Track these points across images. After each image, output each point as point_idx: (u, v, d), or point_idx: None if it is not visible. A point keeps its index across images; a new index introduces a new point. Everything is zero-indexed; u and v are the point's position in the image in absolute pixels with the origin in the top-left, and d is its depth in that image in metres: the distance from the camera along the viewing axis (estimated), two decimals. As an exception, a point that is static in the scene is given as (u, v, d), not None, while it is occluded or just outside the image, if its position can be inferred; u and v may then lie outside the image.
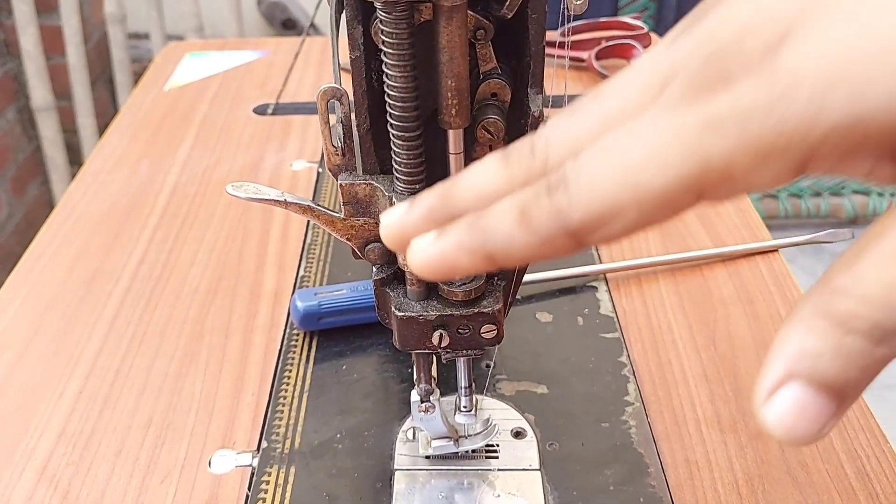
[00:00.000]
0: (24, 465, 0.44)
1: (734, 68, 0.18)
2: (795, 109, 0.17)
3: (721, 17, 0.20)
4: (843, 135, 0.17)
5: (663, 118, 0.19)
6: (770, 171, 0.18)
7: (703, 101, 0.19)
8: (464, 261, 0.23)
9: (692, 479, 0.42)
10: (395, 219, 0.25)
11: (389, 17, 0.29)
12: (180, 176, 0.71)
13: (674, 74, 0.20)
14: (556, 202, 0.21)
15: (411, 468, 0.43)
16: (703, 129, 0.19)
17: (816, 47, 0.17)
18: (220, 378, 0.49)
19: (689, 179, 0.19)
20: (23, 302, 0.56)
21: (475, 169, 0.24)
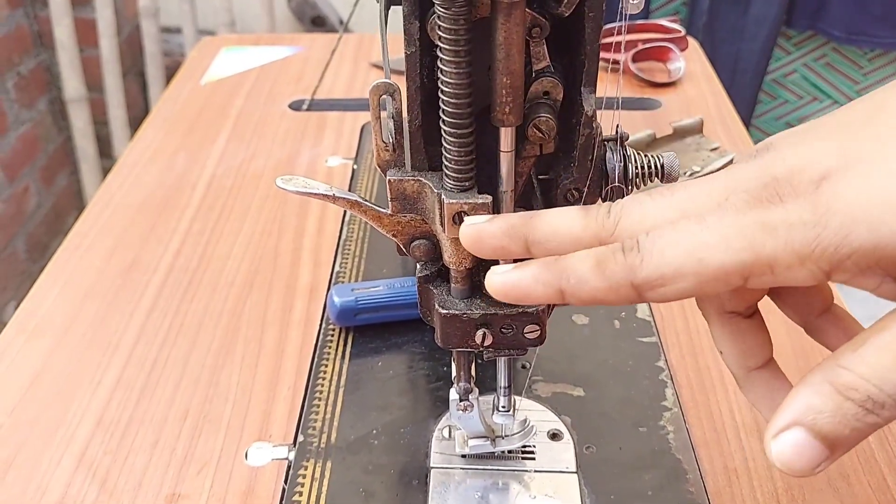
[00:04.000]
0: (62, 451, 0.44)
1: (786, 193, 0.25)
2: (829, 232, 0.24)
3: (775, 157, 0.26)
4: (862, 256, 0.23)
5: (729, 217, 0.25)
6: (803, 273, 0.24)
7: (761, 211, 0.25)
8: (538, 291, 0.28)
9: (731, 487, 0.42)
10: (476, 223, 0.31)
11: (448, 13, 0.28)
12: (216, 169, 0.71)
13: (735, 189, 0.26)
14: (630, 259, 0.26)
15: (447, 466, 0.43)
16: (760, 229, 0.25)
17: (848, 192, 0.24)
18: (257, 371, 0.49)
19: (741, 264, 0.25)
20: (61, 291, 0.57)
21: (556, 211, 0.30)
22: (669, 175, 0.35)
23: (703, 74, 0.88)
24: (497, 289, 0.29)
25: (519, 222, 0.30)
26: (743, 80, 1.58)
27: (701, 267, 0.25)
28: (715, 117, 0.78)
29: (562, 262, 0.28)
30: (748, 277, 0.25)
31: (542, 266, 0.28)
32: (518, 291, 0.29)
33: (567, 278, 0.27)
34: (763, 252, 0.24)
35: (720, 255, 0.25)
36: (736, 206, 0.26)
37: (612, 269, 0.27)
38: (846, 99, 1.69)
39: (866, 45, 1.57)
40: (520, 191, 0.34)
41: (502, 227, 0.30)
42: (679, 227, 0.26)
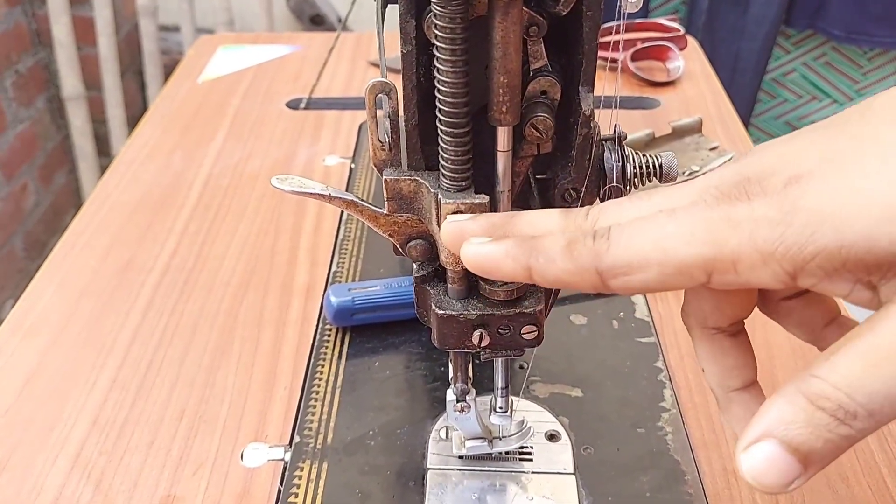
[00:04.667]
0: (57, 452, 0.44)
1: (754, 192, 0.25)
2: (793, 230, 0.23)
3: (750, 160, 0.26)
4: (827, 257, 0.23)
5: (696, 211, 0.25)
6: (766, 273, 0.24)
7: (727, 207, 0.25)
8: (507, 265, 0.28)
9: (730, 489, 0.42)
10: (458, 220, 0.31)
11: (444, 11, 0.28)
12: (213, 168, 0.71)
13: (709, 187, 0.26)
14: (598, 245, 0.27)
15: (444, 468, 0.43)
16: (724, 224, 0.24)
17: (816, 191, 0.23)
18: (253, 371, 0.49)
19: (703, 258, 0.25)
20: (56, 289, 0.56)
21: (538, 212, 0.30)
22: (668, 175, 0.34)
23: (702, 74, 0.88)
24: (469, 258, 0.29)
25: (500, 221, 0.30)
26: (742, 79, 1.57)
27: (664, 257, 0.25)
28: (714, 116, 0.78)
29: (535, 240, 0.28)
30: (711, 273, 0.25)
31: (516, 242, 0.28)
32: (488, 263, 0.29)
33: (537, 257, 0.28)
34: (726, 247, 0.24)
35: (683, 246, 0.25)
36: (705, 200, 0.26)
37: (580, 252, 0.27)
38: (846, 98, 1.68)
39: (866, 45, 1.57)
40: (517, 191, 0.34)
41: (483, 225, 0.30)
42: (648, 218, 0.26)
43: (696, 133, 0.71)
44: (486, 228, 0.30)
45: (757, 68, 1.57)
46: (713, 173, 0.27)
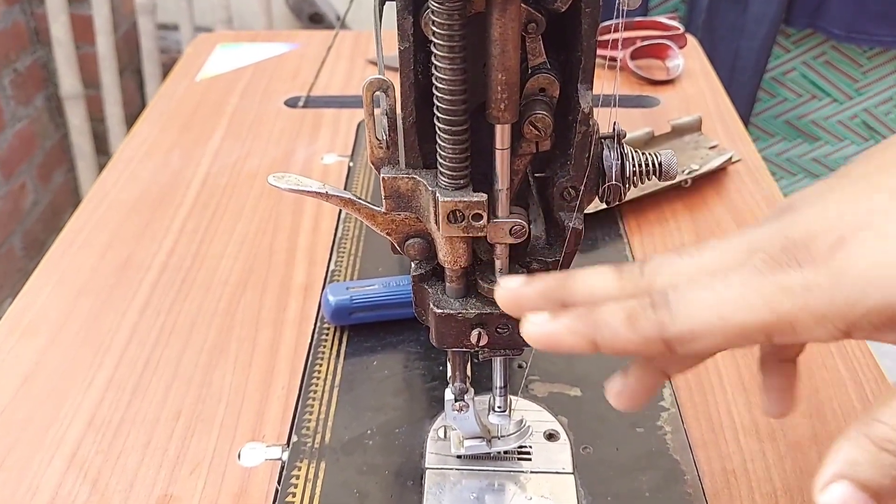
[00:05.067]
0: (53, 451, 0.44)
1: (803, 258, 0.27)
2: (843, 294, 0.25)
3: (794, 219, 0.28)
4: (876, 315, 0.25)
5: (750, 277, 0.27)
6: (822, 331, 0.26)
7: (780, 273, 0.27)
8: (571, 341, 0.30)
9: (729, 489, 0.41)
10: (513, 287, 0.31)
11: (442, 8, 0.28)
12: (211, 167, 0.70)
13: (757, 250, 0.28)
14: (660, 316, 0.28)
15: (442, 467, 0.42)
16: (779, 291, 0.26)
17: (860, 255, 0.26)
18: (250, 371, 0.49)
19: (763, 323, 0.27)
20: (54, 288, 0.56)
21: (591, 272, 0.31)
22: (667, 173, 0.34)
23: (701, 72, 0.87)
24: (532, 338, 0.30)
25: (555, 285, 0.31)
26: (742, 77, 1.57)
27: (725, 325, 0.27)
28: (714, 115, 0.78)
29: (595, 314, 0.29)
30: (771, 335, 0.27)
31: (577, 318, 0.30)
32: (552, 342, 0.30)
33: (601, 332, 0.29)
34: (784, 313, 0.26)
35: (744, 314, 0.27)
36: (756, 266, 0.27)
37: (644, 325, 0.28)
38: (845, 97, 1.68)
39: (865, 44, 1.57)
40: (515, 189, 0.34)
41: (539, 290, 0.31)
42: (704, 284, 0.28)
43: (696, 132, 0.71)
44: (542, 293, 0.31)
45: (756, 67, 1.56)
46: (758, 232, 0.29)
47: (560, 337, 0.30)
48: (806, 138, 1.75)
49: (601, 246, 0.59)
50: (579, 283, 0.31)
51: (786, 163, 1.79)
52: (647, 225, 0.62)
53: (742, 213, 0.63)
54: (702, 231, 0.61)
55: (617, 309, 0.29)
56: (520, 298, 0.31)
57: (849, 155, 1.76)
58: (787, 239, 0.28)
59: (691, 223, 0.62)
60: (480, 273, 0.35)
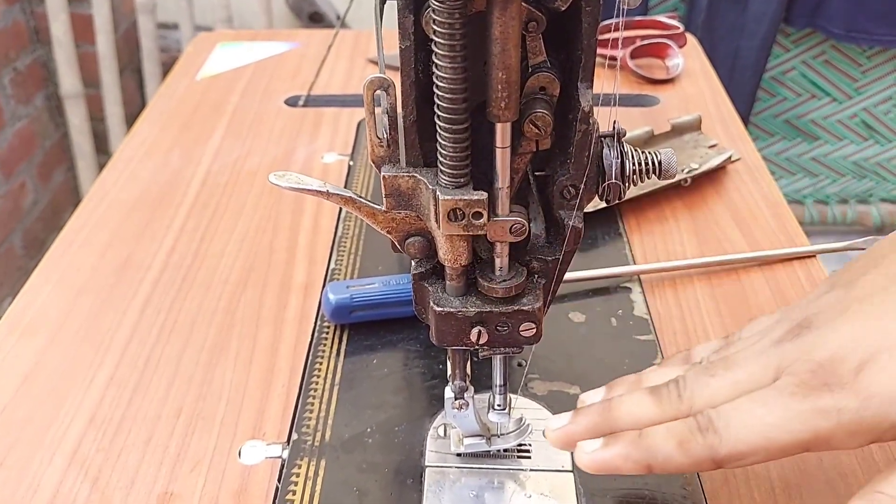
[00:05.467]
0: (54, 449, 0.44)
1: (832, 382, 0.31)
2: (871, 413, 0.30)
3: (816, 340, 0.32)
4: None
5: (787, 400, 0.31)
6: (853, 443, 0.31)
7: (814, 398, 0.31)
8: (626, 467, 0.33)
9: (728, 486, 0.41)
10: (561, 427, 0.36)
11: (443, 7, 0.28)
12: (211, 166, 0.70)
13: (784, 369, 0.32)
14: (710, 440, 0.32)
15: (442, 465, 0.42)
16: (815, 415, 0.31)
17: (884, 377, 0.30)
18: (251, 369, 0.49)
19: (802, 442, 0.31)
20: (54, 287, 0.56)
21: (630, 401, 0.35)
22: (667, 172, 0.34)
23: (701, 71, 0.88)
24: (589, 466, 0.34)
25: (600, 420, 0.35)
26: (742, 77, 1.57)
27: (770, 445, 0.31)
28: (713, 114, 0.78)
29: (646, 440, 0.33)
30: (809, 449, 0.31)
31: (630, 445, 0.33)
32: (609, 468, 0.34)
33: (654, 457, 0.33)
34: (820, 433, 0.31)
35: (785, 435, 0.31)
36: (790, 389, 0.31)
37: (695, 449, 0.32)
38: (845, 97, 1.68)
39: (865, 43, 1.57)
40: (516, 187, 0.34)
41: (587, 426, 0.35)
42: (746, 409, 0.32)
43: (696, 130, 0.71)
44: (591, 429, 0.35)
45: (756, 66, 1.57)
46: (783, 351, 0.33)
47: (615, 463, 0.33)
48: (805, 137, 1.75)
49: (601, 244, 0.60)
50: (623, 412, 0.35)
51: (785, 162, 1.79)
52: (646, 224, 0.62)
53: (741, 212, 0.63)
54: (701, 230, 0.61)
55: (668, 435, 0.32)
56: (570, 436, 0.35)
57: (848, 154, 1.76)
58: (813, 363, 0.32)
59: (691, 222, 0.62)
60: (481, 271, 0.35)
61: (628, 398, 0.35)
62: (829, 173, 1.80)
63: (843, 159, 1.78)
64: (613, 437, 0.34)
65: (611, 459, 0.33)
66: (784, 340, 0.34)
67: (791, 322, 0.34)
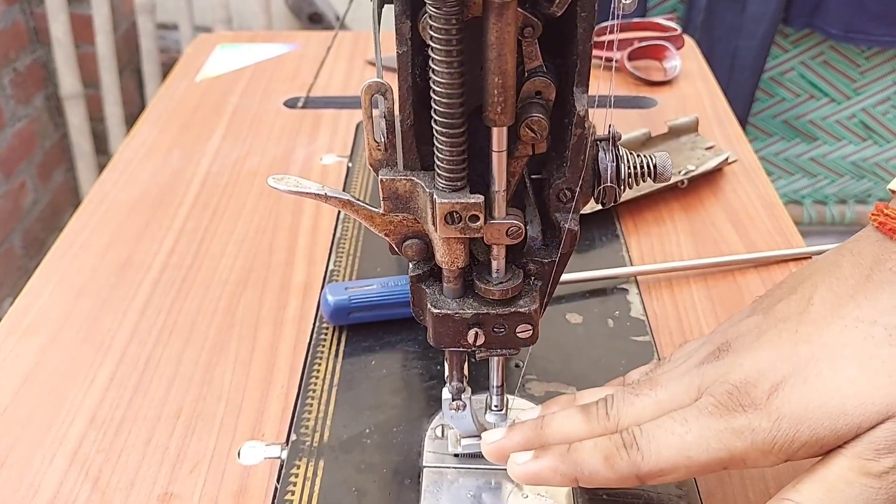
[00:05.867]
0: (55, 450, 0.44)
1: (746, 403, 0.33)
2: (782, 434, 0.32)
3: (733, 363, 0.34)
4: (809, 448, 0.32)
5: (704, 420, 0.33)
6: (767, 462, 0.33)
7: (730, 418, 0.33)
8: (554, 479, 0.35)
9: (723, 487, 0.42)
10: (496, 441, 0.37)
11: (439, 13, 0.28)
12: (211, 167, 0.71)
13: (704, 390, 0.34)
14: (633, 457, 0.33)
15: (440, 466, 0.43)
16: (730, 434, 0.33)
17: (792, 399, 0.32)
18: (250, 370, 0.49)
19: (719, 460, 0.33)
20: (55, 288, 0.56)
21: (561, 417, 0.37)
22: (662, 175, 0.35)
23: (698, 73, 0.88)
24: (519, 477, 0.36)
25: (532, 435, 0.37)
26: (740, 77, 1.58)
27: (689, 463, 0.33)
28: (710, 116, 0.78)
29: (574, 455, 0.34)
30: (726, 467, 0.33)
31: (558, 459, 0.35)
32: (538, 480, 0.35)
33: (581, 471, 0.34)
34: (735, 451, 0.33)
35: (703, 454, 0.33)
36: (708, 409, 0.33)
37: (619, 465, 0.34)
38: (843, 97, 1.69)
39: (863, 44, 1.57)
40: (512, 190, 0.34)
41: (520, 441, 0.37)
42: (667, 428, 0.34)
43: (693, 132, 0.71)
44: (523, 444, 0.37)
45: (755, 67, 1.57)
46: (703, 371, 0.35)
47: (544, 475, 0.35)
48: (804, 138, 1.76)
49: (598, 246, 0.60)
50: (553, 428, 0.37)
51: (784, 162, 1.80)
52: (643, 225, 0.63)
53: (738, 214, 0.64)
54: (698, 231, 0.62)
55: (594, 450, 0.34)
56: (503, 450, 0.37)
57: (846, 155, 1.77)
58: (730, 385, 0.33)
59: (687, 223, 0.63)
60: (477, 273, 0.35)
61: (560, 415, 0.37)
62: (828, 174, 1.81)
63: (842, 160, 1.78)
64: (543, 450, 0.35)
65: (539, 471, 0.35)
66: (705, 362, 0.36)
67: (713, 345, 0.36)
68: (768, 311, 0.36)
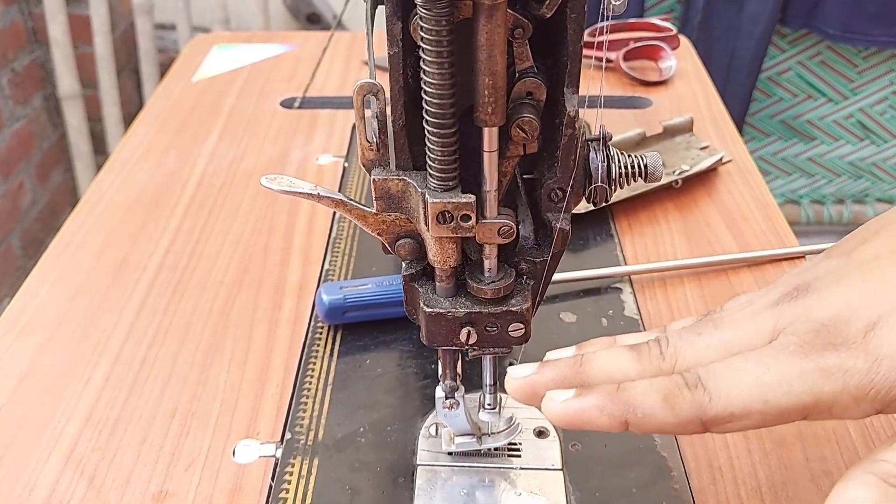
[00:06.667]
0: (50, 449, 0.45)
1: (838, 342, 0.28)
2: (881, 377, 0.27)
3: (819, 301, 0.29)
4: None
5: (787, 360, 0.28)
6: (857, 411, 0.28)
7: (817, 357, 0.28)
8: (600, 421, 0.29)
9: (715, 485, 0.42)
10: (524, 376, 0.32)
11: (430, 14, 0.29)
12: (207, 167, 0.71)
13: (782, 329, 0.29)
14: (698, 398, 0.28)
15: (433, 464, 0.43)
16: (819, 375, 0.28)
17: (888, 339, 0.27)
18: (245, 369, 0.50)
19: (802, 406, 0.28)
20: (51, 288, 0.57)
21: (606, 356, 0.31)
22: (652, 175, 0.35)
23: (694, 73, 0.88)
24: (557, 415, 0.30)
25: (570, 372, 0.31)
26: (737, 77, 1.58)
27: (765, 408, 0.28)
28: (706, 116, 0.79)
29: (627, 393, 0.29)
30: (807, 416, 0.28)
31: (607, 397, 0.29)
32: (580, 420, 0.29)
33: (634, 412, 0.29)
34: (823, 395, 0.27)
35: (784, 397, 0.28)
36: (790, 349, 0.28)
37: (681, 406, 0.28)
38: (841, 97, 1.69)
39: (861, 44, 1.57)
40: (504, 190, 0.35)
41: (555, 378, 0.31)
42: (740, 367, 0.29)
43: (687, 132, 0.71)
44: (557, 382, 0.31)
45: (752, 67, 1.57)
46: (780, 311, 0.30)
47: (588, 416, 0.29)
48: (801, 138, 1.76)
49: (592, 245, 0.60)
50: (596, 366, 0.31)
51: (781, 162, 1.80)
52: (637, 225, 0.63)
53: (732, 214, 0.64)
54: (692, 231, 0.62)
55: (650, 388, 0.29)
56: (535, 386, 0.31)
57: (844, 154, 1.77)
58: (817, 322, 0.29)
59: (682, 223, 0.63)
60: (470, 273, 0.36)
61: (604, 353, 0.32)
62: (826, 174, 1.81)
63: (839, 160, 1.78)
64: (588, 388, 0.30)
65: (583, 410, 0.29)
66: (781, 302, 0.31)
67: (786, 287, 0.31)
68: (851, 253, 0.32)
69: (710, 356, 0.30)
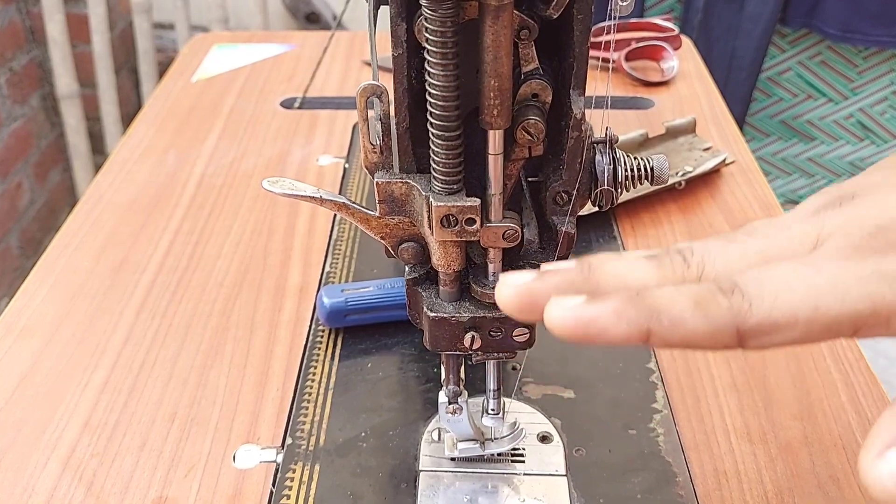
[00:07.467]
0: (49, 454, 0.44)
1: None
2: None
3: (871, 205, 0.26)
4: None
5: (842, 265, 0.24)
6: None
7: (876, 260, 0.24)
8: (618, 330, 0.23)
9: (721, 490, 0.42)
10: (521, 283, 0.26)
11: (435, 15, 0.28)
12: (207, 168, 0.71)
13: (829, 236, 0.25)
14: (736, 303, 0.23)
15: (436, 469, 0.43)
16: (878, 278, 0.23)
17: None
18: (245, 372, 0.49)
19: (858, 313, 0.23)
20: (50, 289, 0.56)
21: (620, 261, 0.26)
22: (659, 177, 0.34)
23: (696, 73, 0.88)
24: (565, 323, 0.24)
25: (578, 278, 0.26)
26: (738, 77, 1.57)
27: (815, 315, 0.23)
28: (708, 117, 0.78)
29: (650, 299, 0.24)
30: (860, 328, 0.23)
31: (627, 302, 0.24)
32: (594, 329, 0.24)
33: (659, 318, 0.23)
34: (882, 302, 0.23)
35: (837, 304, 0.23)
36: (843, 253, 0.24)
37: (717, 313, 0.23)
38: (841, 97, 1.69)
39: (861, 44, 1.57)
40: (509, 193, 0.34)
41: (558, 284, 0.25)
42: (784, 269, 0.24)
43: (690, 133, 0.71)
44: (563, 288, 0.25)
45: (752, 67, 1.57)
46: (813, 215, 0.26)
47: (604, 323, 0.24)
48: (801, 138, 1.76)
49: (595, 247, 0.60)
50: (609, 272, 0.26)
51: (781, 162, 1.80)
52: (640, 227, 0.62)
53: (735, 215, 0.64)
54: (695, 232, 0.62)
55: (678, 293, 0.24)
56: (535, 294, 0.25)
57: (844, 155, 1.77)
58: (872, 225, 0.25)
59: (685, 225, 0.63)
60: (474, 277, 0.35)
61: (615, 257, 0.27)
62: (825, 174, 1.80)
63: (839, 160, 1.78)
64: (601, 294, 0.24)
65: (598, 317, 0.24)
66: (824, 210, 0.27)
67: (830, 196, 0.27)
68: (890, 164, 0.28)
69: (744, 265, 0.25)
